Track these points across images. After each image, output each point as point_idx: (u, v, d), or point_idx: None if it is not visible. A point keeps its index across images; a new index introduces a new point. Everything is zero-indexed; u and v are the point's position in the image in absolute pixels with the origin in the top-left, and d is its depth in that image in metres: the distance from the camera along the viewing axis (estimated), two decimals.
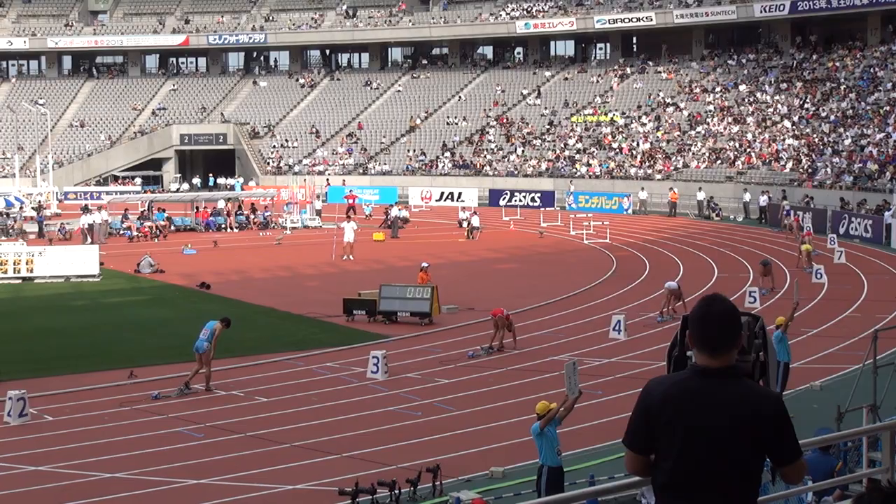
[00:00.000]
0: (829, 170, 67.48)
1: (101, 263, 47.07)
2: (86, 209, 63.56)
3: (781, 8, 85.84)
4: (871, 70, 79.36)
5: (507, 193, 79.84)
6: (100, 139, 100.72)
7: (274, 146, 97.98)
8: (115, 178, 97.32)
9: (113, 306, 39.60)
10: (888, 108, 72.31)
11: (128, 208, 66.31)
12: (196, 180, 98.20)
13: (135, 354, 30.38)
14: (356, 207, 71.93)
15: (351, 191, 78.63)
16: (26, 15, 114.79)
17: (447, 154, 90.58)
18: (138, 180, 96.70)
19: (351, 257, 50.65)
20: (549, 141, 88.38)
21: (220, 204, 69.40)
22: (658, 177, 77.78)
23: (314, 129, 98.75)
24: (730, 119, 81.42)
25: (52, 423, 23.55)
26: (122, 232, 61.99)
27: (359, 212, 71.33)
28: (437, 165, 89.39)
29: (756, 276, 41.65)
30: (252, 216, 67.82)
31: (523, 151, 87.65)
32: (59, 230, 61.05)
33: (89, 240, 56.54)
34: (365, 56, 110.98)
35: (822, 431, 15.36)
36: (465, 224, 62.19)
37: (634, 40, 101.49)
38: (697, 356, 5.78)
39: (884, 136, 68.28)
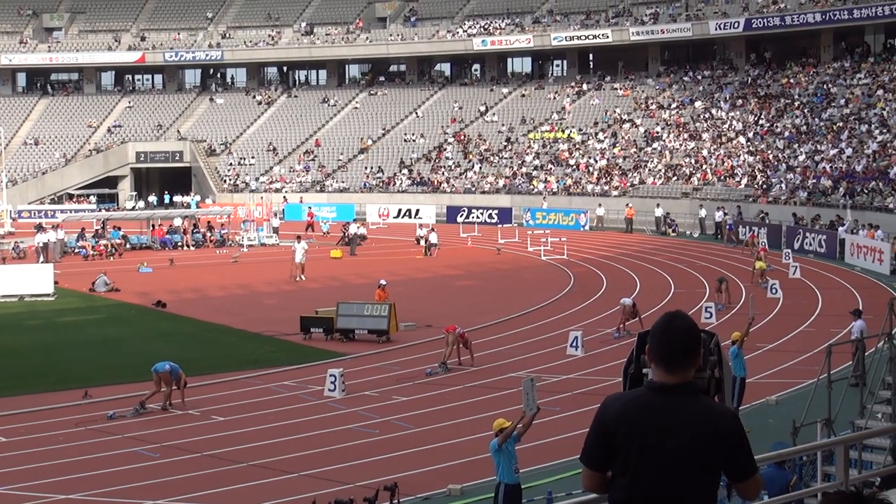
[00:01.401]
0: (783, 186, 68.00)
1: (56, 282, 46.72)
2: (40, 228, 62.96)
3: (736, 25, 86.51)
4: (825, 86, 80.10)
5: (464, 210, 79.91)
6: (55, 157, 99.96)
7: (231, 163, 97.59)
8: (70, 197, 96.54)
9: (68, 325, 39.26)
10: (841, 124, 72.98)
11: (83, 227, 65.82)
12: (152, 198, 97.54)
13: (90, 374, 30.15)
14: (314, 225, 71.75)
15: (310, 208, 78.37)
16: None
17: (405, 171, 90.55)
18: (93, 198, 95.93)
19: (302, 277, 49.74)
20: (506, 157, 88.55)
21: (177, 221, 69.05)
22: (615, 193, 78.07)
23: (271, 147, 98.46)
24: (685, 135, 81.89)
25: (7, 444, 23.32)
26: (77, 250, 61.48)
27: (316, 229, 71.16)
28: (394, 182, 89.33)
29: (712, 292, 41.89)
30: (208, 234, 67.49)
31: (481, 168, 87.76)
32: (13, 249, 60.51)
33: (44, 258, 56.07)
34: (322, 73, 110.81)
35: (778, 446, 15.44)
36: (422, 241, 62.16)
37: (591, 57, 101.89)
38: (654, 372, 5.77)
39: (837, 151, 68.90)
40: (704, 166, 76.36)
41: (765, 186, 69.46)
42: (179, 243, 65.61)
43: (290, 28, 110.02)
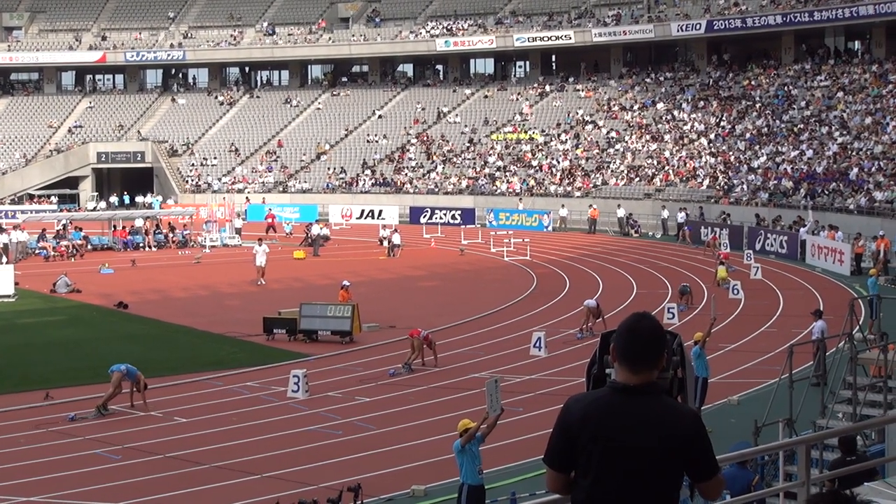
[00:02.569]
0: (745, 187, 68.40)
1: (17, 283, 46.41)
2: (0, 228, 62.55)
3: (697, 27, 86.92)
4: (786, 88, 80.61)
5: (427, 211, 79.90)
6: (15, 157, 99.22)
7: (193, 164, 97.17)
8: (31, 197, 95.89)
9: (28, 327, 39.01)
10: (802, 125, 73.48)
11: (44, 227, 65.37)
12: (114, 199, 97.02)
13: (51, 376, 29.97)
14: (276, 226, 71.51)
15: (270, 209, 78.10)
16: None
17: (367, 172, 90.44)
18: (54, 199, 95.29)
19: (262, 282, 48.67)
20: (469, 158, 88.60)
21: (138, 222, 68.69)
22: (577, 194, 78.28)
23: (233, 147, 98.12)
24: (648, 137, 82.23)
25: None
26: (37, 251, 61.05)
27: (279, 230, 70.96)
28: (357, 183, 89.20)
29: (674, 294, 42.09)
30: (171, 235, 67.17)
31: (444, 169, 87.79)
32: None
33: (4, 259, 55.66)
34: (285, 73, 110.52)
35: (740, 446, 15.53)
36: (385, 242, 62.12)
37: (553, 58, 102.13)
38: (618, 372, 5.80)
39: (798, 153, 69.37)
40: (667, 167, 76.72)
41: (726, 188, 69.85)
42: (141, 244, 65.27)
43: (253, 28, 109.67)
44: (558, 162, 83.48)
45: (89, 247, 63.60)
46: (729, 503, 11.08)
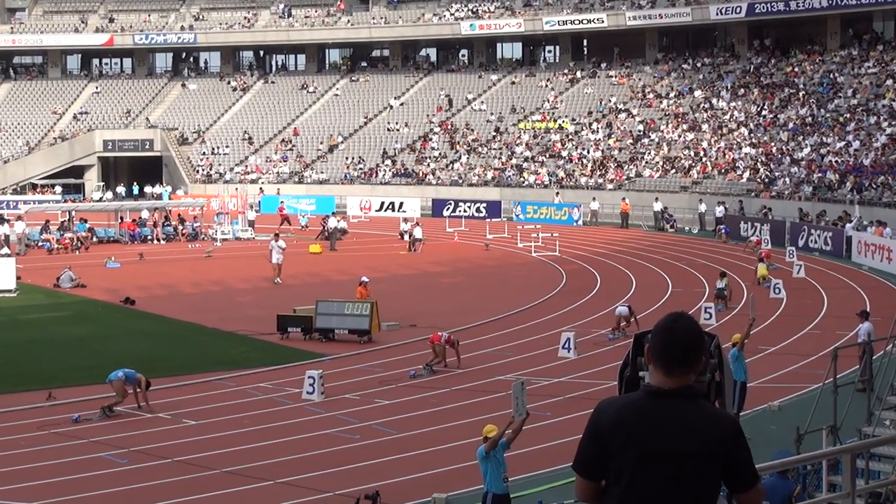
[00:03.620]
0: (787, 180, 68.17)
1: (18, 277, 46.57)
2: (1, 220, 62.88)
3: (738, 10, 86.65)
4: (831, 76, 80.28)
5: (451, 203, 79.91)
6: (17, 145, 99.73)
7: (204, 153, 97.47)
8: (34, 187, 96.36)
9: (31, 323, 39.18)
10: (848, 115, 73.19)
11: (47, 219, 65.66)
12: (120, 189, 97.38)
13: (54, 375, 30.08)
14: (290, 218, 71.60)
15: (282, 201, 78.06)
16: None
17: (388, 162, 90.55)
18: (58, 189, 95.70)
19: (279, 280, 48.14)
20: (495, 148, 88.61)
21: (144, 214, 68.91)
22: (609, 186, 78.20)
23: (247, 135, 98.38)
24: (684, 126, 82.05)
25: None
26: (40, 244, 61.35)
27: (294, 223, 71.06)
28: (377, 174, 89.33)
29: (711, 293, 41.97)
30: (180, 227, 67.37)
31: (468, 159, 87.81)
32: None
33: (6, 250, 55.94)
34: (301, 58, 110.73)
35: (781, 454, 15.50)
36: (406, 236, 62.16)
37: (585, 43, 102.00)
38: (652, 374, 5.77)
39: (844, 144, 69.09)
40: (704, 159, 76.54)
41: (768, 180, 69.63)
42: (149, 237, 65.52)
43: (268, 10, 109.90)
44: (589, 152, 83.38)
45: (95, 239, 63.89)
46: None
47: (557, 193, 78.35)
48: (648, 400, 5.71)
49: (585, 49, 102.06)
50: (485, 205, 78.75)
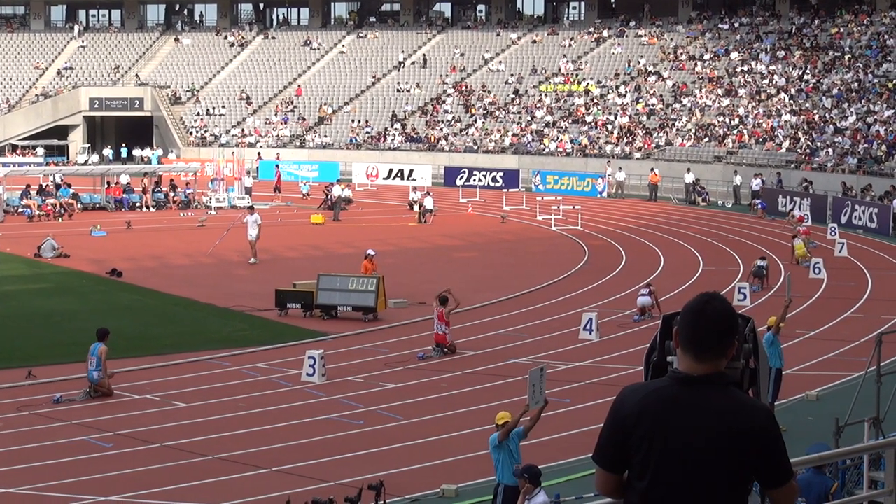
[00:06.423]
0: (830, 151, 68.02)
1: None
2: None
3: None
4: (880, 38, 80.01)
5: (464, 172, 79.79)
6: None
7: (198, 113, 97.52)
8: (14, 148, 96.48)
9: (10, 296, 39.27)
10: None
11: (28, 183, 65.74)
12: (107, 151, 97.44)
13: (34, 352, 30.18)
14: (281, 186, 71.36)
15: (278, 166, 77.95)
16: None
17: (397, 126, 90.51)
18: (40, 150, 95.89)
19: (254, 260, 46.05)
20: (513, 112, 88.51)
21: (123, 178, 68.74)
22: (637, 155, 78.08)
23: (244, 95, 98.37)
24: (720, 91, 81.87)
25: None
26: (20, 210, 61.46)
27: (294, 190, 71.06)
28: (385, 138, 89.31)
29: (746, 272, 41.93)
30: (171, 193, 67.41)
31: (484, 124, 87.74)
32: None
33: None
34: (304, 11, 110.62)
35: (818, 447, 15.50)
36: (416, 206, 62.17)
37: None
38: (681, 360, 5.78)
39: (893, 113, 68.91)
40: (740, 127, 76.36)
41: (809, 151, 69.46)
42: (138, 203, 65.56)
43: None
44: (616, 118, 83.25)
45: (79, 206, 63.94)
46: None
47: (608, 163, 76.68)
48: (676, 387, 5.73)
49: (613, 5, 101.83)
50: (501, 174, 78.60)
